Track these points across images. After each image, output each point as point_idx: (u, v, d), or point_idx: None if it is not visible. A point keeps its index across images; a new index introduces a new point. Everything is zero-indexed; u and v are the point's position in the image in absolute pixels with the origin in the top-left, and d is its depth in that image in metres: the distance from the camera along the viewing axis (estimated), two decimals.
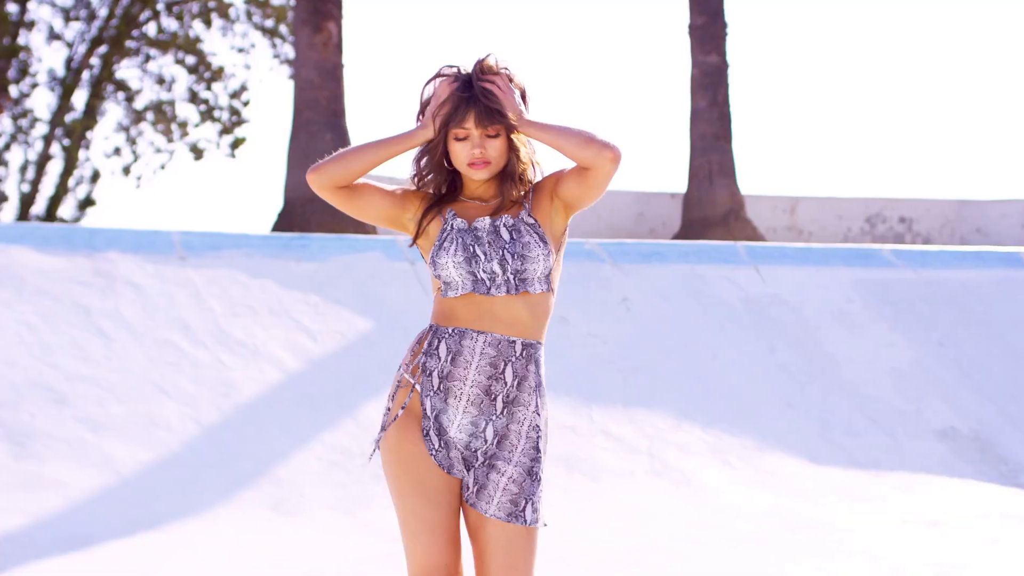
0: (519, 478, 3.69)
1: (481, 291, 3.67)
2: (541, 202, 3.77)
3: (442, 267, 3.67)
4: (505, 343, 3.68)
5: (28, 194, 21.99)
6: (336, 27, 13.71)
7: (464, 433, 3.70)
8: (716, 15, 15.81)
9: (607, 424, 9.29)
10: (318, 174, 3.68)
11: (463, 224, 3.71)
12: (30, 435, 7.66)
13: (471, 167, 3.68)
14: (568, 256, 11.08)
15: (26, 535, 6.92)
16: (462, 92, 3.66)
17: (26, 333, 8.39)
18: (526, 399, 3.72)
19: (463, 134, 3.66)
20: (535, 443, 3.73)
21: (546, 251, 3.68)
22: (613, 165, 3.65)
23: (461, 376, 3.68)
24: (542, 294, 3.72)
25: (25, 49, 22.14)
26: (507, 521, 3.66)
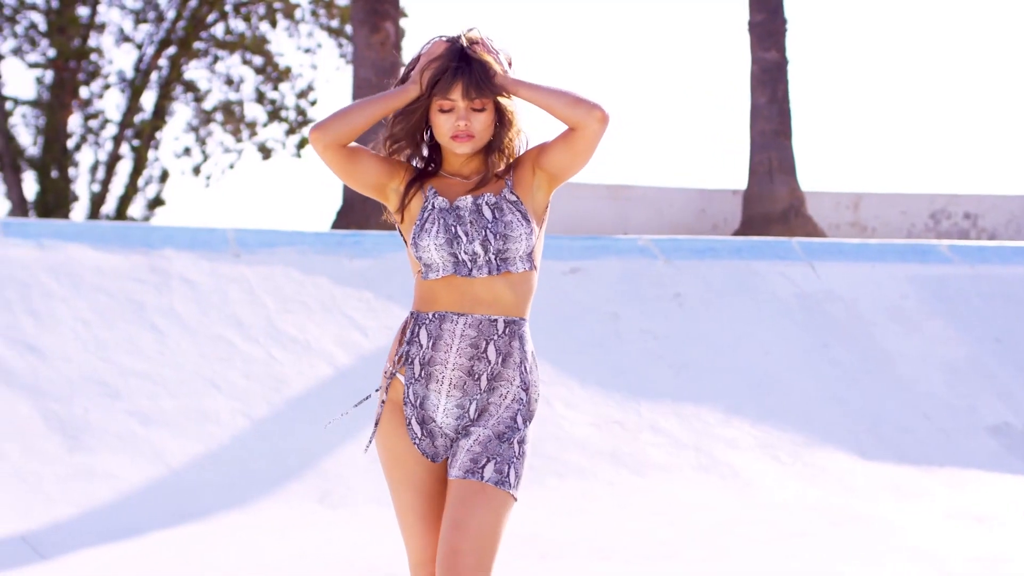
0: (485, 439, 3.58)
1: (462, 273, 3.60)
2: (523, 177, 3.70)
3: (424, 249, 3.60)
4: (486, 323, 3.61)
5: (98, 194, 22.29)
6: (393, 26, 13.83)
7: (451, 417, 3.64)
8: (775, 11, 15.78)
9: (655, 419, 9.33)
10: (322, 131, 3.61)
11: (444, 203, 3.64)
12: (83, 428, 7.82)
13: (454, 139, 3.61)
14: (620, 252, 11.15)
15: (76, 525, 7.07)
16: (451, 61, 3.59)
17: (82, 329, 8.56)
18: (510, 374, 3.64)
19: (448, 105, 3.60)
20: (513, 414, 3.63)
21: (528, 229, 3.62)
22: (601, 125, 3.59)
23: (442, 360, 3.61)
24: (524, 272, 3.65)
25: (96, 51, 22.44)
26: (464, 478, 3.53)
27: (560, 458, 8.72)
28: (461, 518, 3.49)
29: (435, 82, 3.59)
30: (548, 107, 3.64)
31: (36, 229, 9.31)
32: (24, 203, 21.77)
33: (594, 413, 9.27)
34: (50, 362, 8.22)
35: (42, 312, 8.54)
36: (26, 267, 8.84)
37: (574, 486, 8.45)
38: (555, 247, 10.96)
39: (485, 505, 3.50)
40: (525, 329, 3.69)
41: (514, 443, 3.61)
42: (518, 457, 3.60)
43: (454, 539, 3.47)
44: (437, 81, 3.59)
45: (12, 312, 8.48)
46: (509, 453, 3.59)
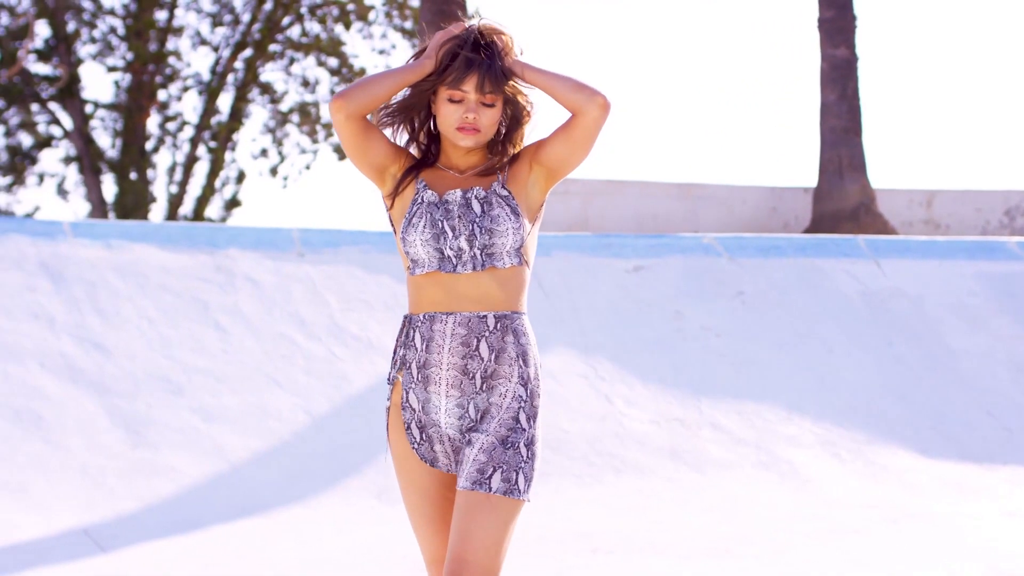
0: (489, 447, 3.52)
1: (447, 269, 3.56)
2: (518, 173, 3.66)
3: (411, 244, 3.57)
4: (475, 320, 3.57)
5: (176, 195, 22.58)
6: None
7: (454, 418, 3.59)
8: (845, 8, 15.71)
9: (716, 416, 9.34)
10: (345, 99, 3.55)
11: (433, 197, 3.60)
12: (146, 424, 7.96)
13: (460, 131, 3.57)
14: (684, 250, 11.17)
15: (137, 518, 7.21)
16: (466, 50, 3.55)
17: (147, 327, 8.71)
18: (506, 371, 3.58)
19: (458, 96, 3.56)
20: (515, 413, 3.56)
21: (517, 224, 3.56)
22: (602, 112, 3.56)
23: (436, 361, 3.56)
24: (512, 268, 3.59)
25: (174, 54, 22.73)
26: (471, 489, 3.49)
27: (619, 455, 8.76)
28: (467, 528, 3.46)
29: (445, 67, 3.55)
30: (552, 90, 3.60)
31: (104, 230, 9.48)
32: (103, 204, 22.10)
33: (654, 410, 9.30)
34: (115, 359, 8.37)
35: (109, 311, 8.71)
36: (94, 267, 9.01)
37: (632, 483, 8.48)
38: (618, 245, 11.00)
39: (492, 515, 3.47)
40: (520, 322, 3.63)
41: (520, 447, 3.54)
42: (526, 460, 3.54)
43: (461, 549, 3.45)
44: (447, 67, 3.55)
45: (80, 311, 8.65)
46: (516, 460, 3.53)
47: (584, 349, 9.75)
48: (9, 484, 7.28)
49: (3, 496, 7.17)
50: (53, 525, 7.02)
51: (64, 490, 7.32)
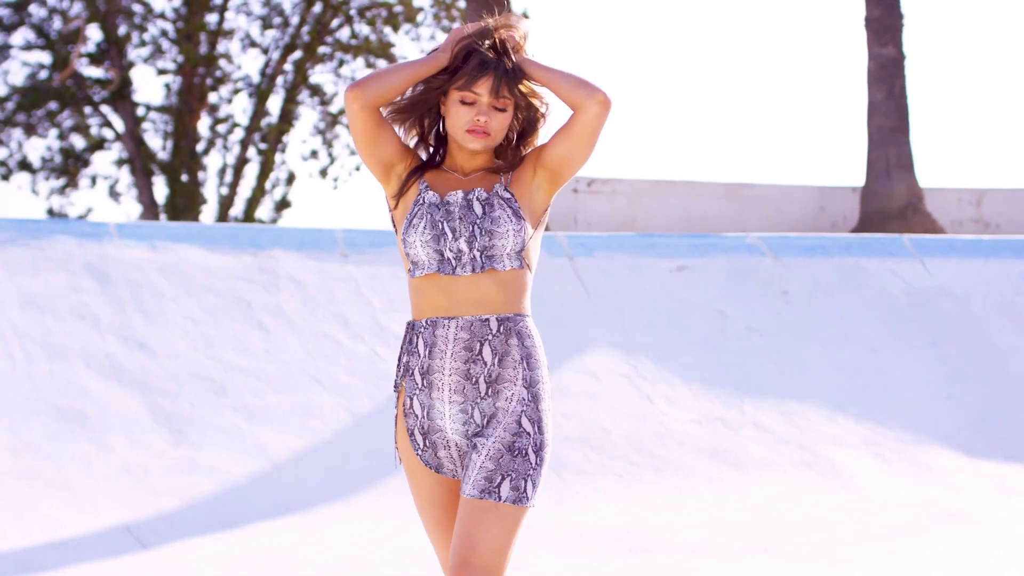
0: (496, 454, 3.47)
1: (446, 271, 3.52)
2: (522, 176, 3.62)
3: (411, 246, 3.53)
4: (478, 323, 3.53)
5: (226, 197, 22.74)
6: None
7: (458, 423, 3.55)
8: (892, 7, 15.65)
9: (758, 416, 9.34)
10: (361, 89, 3.53)
11: (435, 198, 3.56)
12: (189, 423, 8.05)
13: (470, 133, 3.54)
14: (728, 250, 11.16)
15: (179, 516, 7.29)
16: (484, 56, 3.53)
17: (190, 327, 8.79)
18: (510, 374, 3.53)
19: (471, 98, 3.53)
20: (517, 417, 3.50)
21: (518, 226, 3.53)
22: (602, 108, 3.53)
23: (439, 367, 3.54)
24: (513, 271, 3.55)
25: (224, 57, 22.89)
26: (480, 498, 3.44)
27: (660, 454, 8.78)
28: (472, 533, 3.43)
29: (457, 67, 3.54)
30: (555, 85, 3.57)
31: (149, 231, 9.57)
32: (155, 206, 22.29)
33: (696, 410, 9.30)
34: (159, 359, 8.46)
35: (153, 311, 8.79)
36: (139, 268, 9.10)
37: (672, 482, 8.49)
38: (662, 245, 11.00)
39: (498, 522, 3.44)
40: (524, 324, 3.58)
41: (529, 453, 3.49)
42: (535, 467, 3.50)
43: (467, 553, 3.43)
44: (459, 67, 3.54)
45: (124, 311, 8.74)
46: (525, 467, 3.48)
47: (626, 349, 9.76)
48: (54, 482, 7.37)
49: (48, 494, 7.27)
50: (96, 522, 7.11)
51: (107, 488, 7.41)
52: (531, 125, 3.64)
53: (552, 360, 9.52)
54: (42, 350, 8.24)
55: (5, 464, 7.39)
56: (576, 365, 9.49)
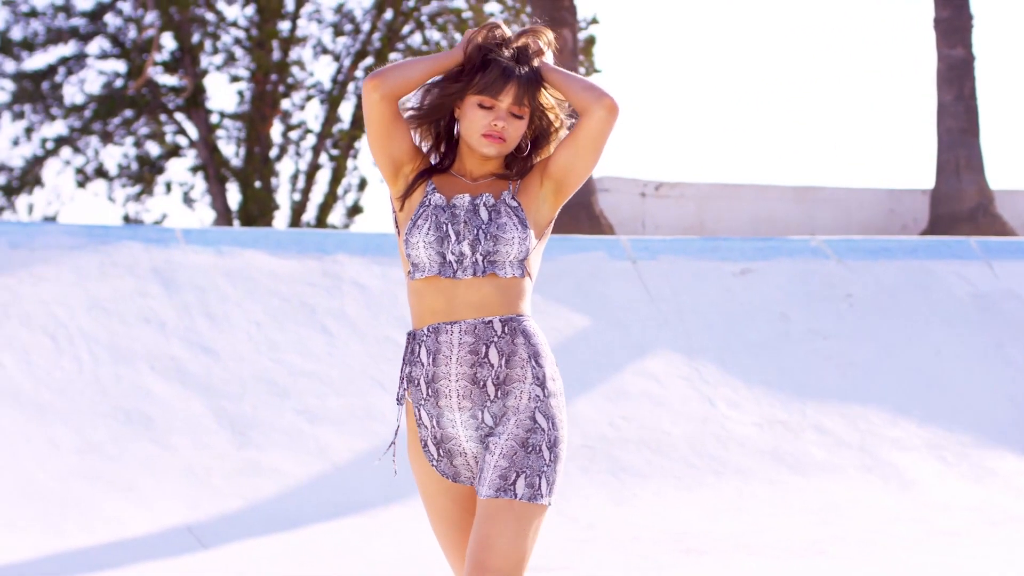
0: (509, 451, 3.43)
1: (447, 274, 3.49)
2: (529, 186, 3.61)
3: (413, 246, 3.50)
4: (481, 326, 3.50)
5: (299, 203, 22.90)
6: (571, 34, 14.02)
7: (470, 429, 3.51)
8: (961, 8, 15.55)
9: (819, 419, 9.33)
10: (381, 79, 3.52)
11: (441, 200, 3.54)
12: (252, 425, 8.16)
13: (485, 138, 3.52)
14: (792, 253, 11.15)
15: (240, 517, 7.40)
16: (506, 63, 3.52)
17: (255, 331, 8.91)
18: (519, 374, 3.49)
19: (489, 103, 3.51)
20: (531, 414, 3.46)
21: (523, 234, 3.51)
22: (609, 114, 3.51)
23: (445, 374, 3.49)
24: (513, 279, 3.53)
25: (296, 64, 23.08)
26: (496, 497, 3.40)
27: (720, 457, 8.79)
28: (489, 535, 3.39)
29: (473, 73, 3.51)
30: (566, 87, 3.54)
31: (215, 236, 9.71)
32: (228, 212, 22.51)
33: (757, 413, 9.31)
34: (223, 362, 8.58)
35: (218, 315, 8.93)
36: (205, 272, 9.24)
37: (731, 485, 8.51)
38: (725, 248, 11.01)
39: (514, 522, 3.39)
40: (529, 324, 3.55)
41: (542, 450, 3.44)
42: (549, 464, 3.44)
43: (483, 556, 3.39)
44: (480, 71, 3.51)
45: (190, 315, 8.88)
46: (539, 463, 3.43)
47: (688, 352, 9.78)
48: (118, 483, 7.51)
49: (112, 494, 7.40)
50: (158, 522, 7.23)
51: (170, 489, 7.53)
52: (543, 137, 3.62)
53: (613, 363, 9.58)
54: (108, 353, 8.39)
55: (71, 465, 7.53)
56: (637, 368, 9.53)
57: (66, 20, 22.14)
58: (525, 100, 3.52)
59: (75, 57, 22.33)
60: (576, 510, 7.92)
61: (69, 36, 22.18)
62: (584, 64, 21.71)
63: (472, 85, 3.51)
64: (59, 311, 8.57)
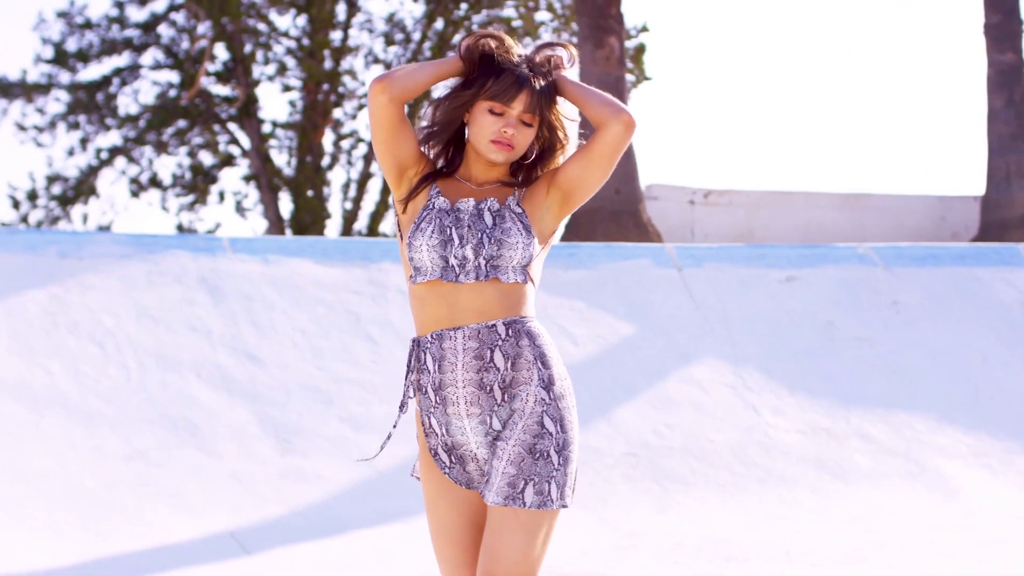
0: (517, 458, 3.41)
1: (449, 278, 3.47)
2: (535, 194, 3.59)
3: (416, 250, 3.48)
4: (485, 330, 3.47)
5: (350, 211, 23.02)
6: (618, 42, 14.03)
7: (479, 435, 3.48)
8: (1011, 13, 15.45)
9: (864, 426, 9.30)
10: (389, 81, 3.51)
11: (445, 204, 3.53)
12: (297, 432, 8.23)
13: (494, 144, 3.51)
14: (839, 260, 11.13)
15: (283, 523, 7.47)
16: (520, 71, 3.52)
17: (300, 339, 8.99)
18: (525, 376, 3.46)
19: (500, 109, 3.50)
20: (539, 418, 3.43)
21: (527, 240, 3.49)
22: (625, 129, 3.50)
23: (451, 380, 3.47)
24: (516, 284, 3.51)
25: (348, 73, 23.20)
26: (504, 505, 3.38)
27: (763, 464, 8.79)
28: (497, 545, 3.39)
29: (487, 82, 3.52)
30: (584, 100, 3.57)
31: (261, 245, 9.80)
32: (280, 221, 22.65)
33: (802, 420, 9.30)
34: (269, 370, 8.66)
35: (264, 323, 9.01)
36: (251, 281, 9.32)
37: (775, 492, 8.50)
38: (772, 256, 11.01)
39: (522, 532, 3.39)
40: (533, 325, 3.53)
41: (551, 454, 3.42)
42: (558, 468, 3.42)
43: (491, 566, 3.38)
44: (489, 81, 3.52)
45: (236, 324, 8.97)
46: (548, 469, 3.41)
47: (733, 360, 9.78)
48: (164, 489, 7.59)
49: (158, 500, 7.49)
50: (202, 528, 7.31)
51: (215, 495, 7.61)
52: (550, 151, 3.61)
53: (657, 370, 9.59)
54: (155, 361, 8.48)
55: (118, 471, 7.63)
56: (682, 376, 9.54)
57: (120, 32, 22.37)
58: (539, 109, 3.52)
59: (129, 68, 22.55)
60: (618, 518, 7.94)
61: (123, 47, 22.41)
62: (634, 72, 21.73)
63: (484, 91, 3.52)
64: (107, 319, 8.68)
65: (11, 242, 9.03)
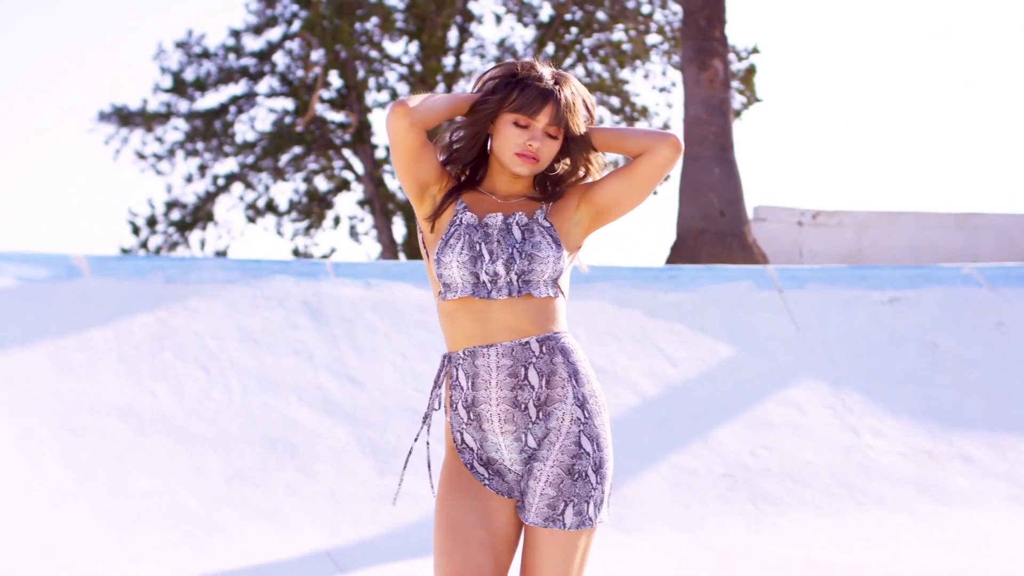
0: (556, 480, 3.43)
1: (481, 295, 3.46)
2: (563, 208, 3.58)
3: (445, 266, 3.47)
4: (518, 348, 3.46)
5: None
6: (722, 64, 14.06)
7: (514, 452, 3.49)
8: None
9: (966, 448, 9.23)
10: (409, 107, 3.46)
11: (473, 219, 3.51)
12: (394, 454, 8.36)
13: (519, 156, 3.49)
14: (943, 281, 11.04)
15: (378, 542, 7.60)
16: (544, 84, 3.50)
17: (400, 361, 9.12)
18: (559, 394, 3.46)
19: (524, 121, 3.48)
20: (576, 438, 3.45)
21: (558, 253, 3.48)
22: (674, 151, 3.50)
23: (485, 398, 3.46)
24: (548, 298, 3.49)
25: None
26: (545, 527, 3.41)
27: (862, 486, 8.75)
28: (536, 567, 3.43)
29: (511, 94, 3.49)
30: (622, 138, 3.58)
31: (364, 269, 9.96)
32: (394, 245, 22.90)
33: (902, 442, 9.25)
34: (368, 392, 8.80)
35: (365, 347, 9.16)
36: (353, 305, 9.48)
37: (873, 515, 8.47)
38: (875, 277, 10.95)
39: (560, 552, 3.42)
40: (567, 341, 3.51)
41: (589, 474, 3.45)
42: (596, 487, 3.45)
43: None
44: (513, 93, 3.49)
45: (338, 347, 9.13)
46: (587, 489, 3.44)
47: (833, 381, 9.76)
48: (263, 509, 7.75)
49: (256, 519, 7.65)
50: (299, 547, 7.46)
51: (312, 515, 7.76)
52: (575, 167, 3.59)
53: (755, 392, 9.59)
54: (258, 384, 8.66)
55: (218, 491, 7.80)
56: (780, 397, 9.53)
57: (236, 60, 22.82)
58: (564, 121, 3.49)
59: (245, 96, 22.99)
60: (712, 538, 7.96)
61: (240, 76, 22.85)
62: (745, 94, 21.70)
63: (509, 103, 3.50)
64: (211, 343, 8.88)
65: (119, 268, 9.27)
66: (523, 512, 3.47)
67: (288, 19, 22.71)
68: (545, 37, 22.81)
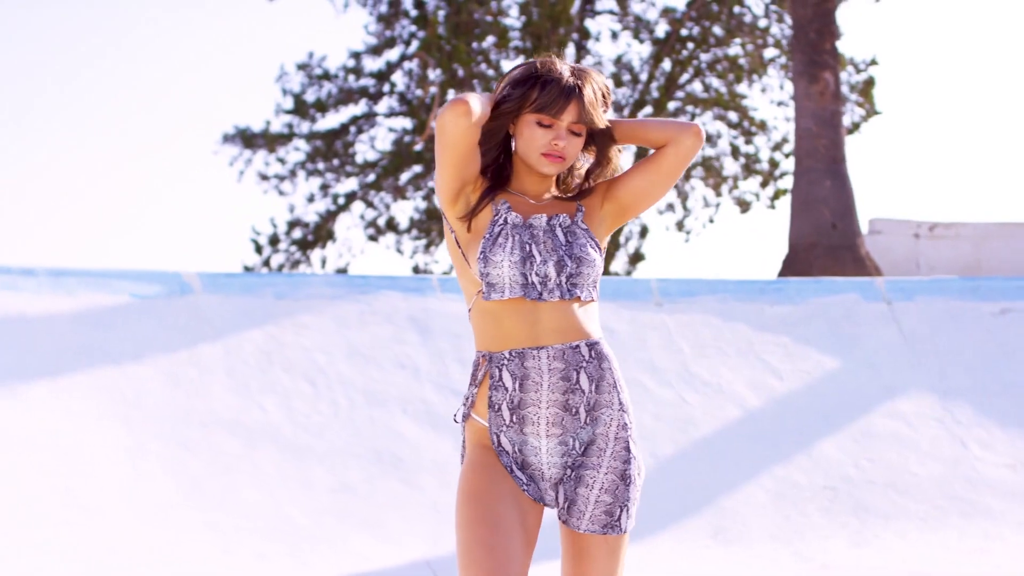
0: (611, 486, 3.47)
1: (532, 296, 3.43)
2: (592, 207, 3.58)
3: (495, 265, 3.42)
4: (570, 351, 3.45)
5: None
6: (832, 76, 14.02)
7: (556, 456, 3.46)
8: None
9: None
10: (471, 104, 3.40)
11: (518, 219, 3.48)
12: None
13: (545, 156, 3.47)
14: None
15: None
16: (566, 81, 3.46)
17: None
18: (607, 399, 3.48)
19: (548, 121, 3.46)
20: (626, 444, 3.49)
21: (600, 256, 3.50)
22: (696, 140, 3.51)
23: (534, 400, 3.44)
24: (591, 301, 3.52)
25: None
26: (603, 533, 3.46)
27: (968, 499, 8.69)
28: (588, 573, 3.48)
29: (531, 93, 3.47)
30: (642, 130, 3.58)
31: None
32: None
33: (1011, 455, 9.17)
34: None
35: (469, 360, 9.28)
36: (459, 320, 9.62)
37: (978, 527, 8.41)
38: (986, 288, 10.86)
39: (610, 557, 3.48)
40: (605, 347, 3.52)
41: (635, 479, 3.52)
42: (639, 489, 3.54)
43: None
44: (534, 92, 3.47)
45: (443, 361, 9.27)
46: (634, 493, 3.52)
47: (942, 393, 9.70)
48: (368, 520, 7.91)
49: (360, 531, 7.80)
50: (400, 557, 7.59)
51: (414, 525, 7.89)
52: (600, 161, 3.59)
53: (860, 404, 9.57)
54: (364, 397, 8.83)
55: (324, 503, 7.97)
56: (887, 410, 9.49)
57: (356, 81, 23.13)
58: (588, 118, 3.46)
59: (365, 116, 23.30)
60: (812, 551, 7.96)
61: (359, 96, 23.17)
62: (863, 106, 21.55)
63: (531, 102, 3.48)
64: (319, 358, 9.06)
65: (230, 285, 9.50)
66: (572, 520, 3.48)
67: (406, 40, 22.99)
68: (661, 53, 22.86)
